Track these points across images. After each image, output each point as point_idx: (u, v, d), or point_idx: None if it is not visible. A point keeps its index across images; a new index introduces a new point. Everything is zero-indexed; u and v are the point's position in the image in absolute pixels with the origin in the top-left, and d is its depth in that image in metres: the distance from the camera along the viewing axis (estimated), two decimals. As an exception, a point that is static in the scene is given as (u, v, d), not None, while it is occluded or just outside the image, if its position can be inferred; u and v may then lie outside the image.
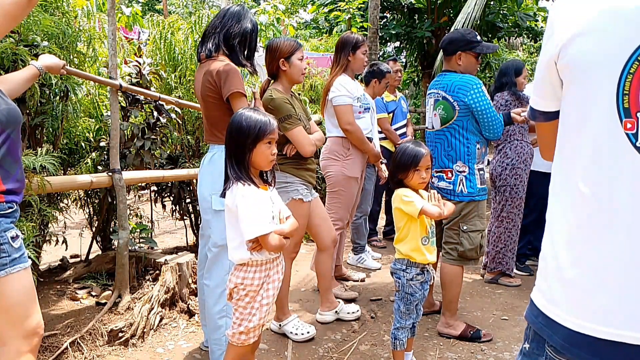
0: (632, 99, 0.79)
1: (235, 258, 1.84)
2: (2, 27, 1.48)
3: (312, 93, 5.71)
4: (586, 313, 0.83)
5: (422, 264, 2.20)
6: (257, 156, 1.80)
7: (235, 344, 1.87)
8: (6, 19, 1.46)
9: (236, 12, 2.33)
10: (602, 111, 0.82)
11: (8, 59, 2.30)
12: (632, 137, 0.79)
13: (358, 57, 3.29)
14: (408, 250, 2.19)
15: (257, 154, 1.80)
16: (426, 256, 2.19)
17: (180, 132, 3.97)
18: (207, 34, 2.33)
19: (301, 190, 2.64)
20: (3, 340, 1.52)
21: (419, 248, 2.18)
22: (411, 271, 2.19)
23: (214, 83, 2.20)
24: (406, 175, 2.20)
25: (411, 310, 2.23)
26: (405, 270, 2.20)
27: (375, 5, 6.54)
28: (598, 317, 0.81)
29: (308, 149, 2.57)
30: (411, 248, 2.19)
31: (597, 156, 0.83)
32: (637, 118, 0.79)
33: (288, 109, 2.54)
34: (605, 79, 0.82)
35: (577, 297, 0.85)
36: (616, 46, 0.81)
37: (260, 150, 1.79)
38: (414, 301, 2.22)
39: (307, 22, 15.96)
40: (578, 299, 0.85)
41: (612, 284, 0.82)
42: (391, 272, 2.28)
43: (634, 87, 0.79)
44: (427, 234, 2.20)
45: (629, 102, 0.80)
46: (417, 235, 2.18)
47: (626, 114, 0.80)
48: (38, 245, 2.79)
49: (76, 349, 2.47)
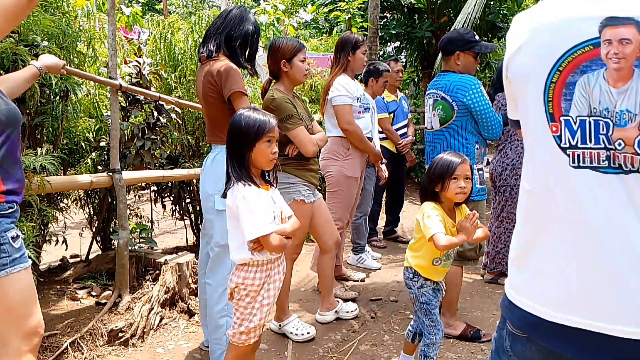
0: (555, 105, 0.90)
1: (237, 258, 1.84)
2: (1, 27, 1.47)
3: (312, 93, 5.71)
4: (533, 296, 0.95)
5: None
6: (257, 155, 1.80)
7: (236, 344, 1.87)
8: (6, 20, 1.46)
9: (238, 14, 2.34)
10: (535, 117, 0.93)
11: (8, 59, 2.30)
12: (557, 139, 0.90)
13: (358, 57, 3.29)
14: (416, 264, 2.15)
15: (257, 153, 1.80)
16: (432, 276, 2.13)
17: (180, 132, 3.97)
18: (209, 34, 2.34)
19: (303, 191, 2.63)
20: (3, 340, 1.52)
21: (428, 267, 2.12)
22: (419, 279, 2.15)
23: (215, 83, 2.20)
24: (442, 187, 2.07)
25: (435, 320, 2.13)
26: (413, 279, 2.16)
27: (375, 5, 6.54)
28: (542, 300, 0.93)
29: (310, 149, 2.55)
30: (419, 265, 2.13)
31: (534, 156, 0.95)
32: (560, 122, 0.90)
33: (289, 109, 2.53)
34: (535, 89, 0.93)
35: (526, 282, 0.97)
36: (542, 59, 0.92)
37: (260, 149, 1.79)
38: (433, 309, 2.13)
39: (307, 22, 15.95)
40: (527, 284, 0.97)
41: (548, 270, 0.93)
42: (405, 281, 2.24)
43: (556, 95, 0.90)
44: (441, 256, 2.11)
45: (552, 108, 0.91)
46: (429, 255, 2.10)
47: (551, 119, 0.91)
48: (38, 245, 2.79)
49: (76, 349, 2.47)
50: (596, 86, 0.87)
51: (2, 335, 1.52)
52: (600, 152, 0.86)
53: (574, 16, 0.89)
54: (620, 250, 0.85)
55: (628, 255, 0.84)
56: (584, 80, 0.88)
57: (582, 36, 0.87)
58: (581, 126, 0.88)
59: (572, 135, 0.89)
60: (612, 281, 0.85)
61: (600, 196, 0.86)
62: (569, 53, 0.89)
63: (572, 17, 0.89)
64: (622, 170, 0.85)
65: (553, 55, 0.90)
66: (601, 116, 0.86)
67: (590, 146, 0.87)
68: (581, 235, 0.88)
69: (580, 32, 0.87)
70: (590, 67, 0.87)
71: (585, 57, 0.87)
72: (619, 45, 0.84)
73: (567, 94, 0.89)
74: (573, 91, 0.89)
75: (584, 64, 0.87)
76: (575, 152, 0.88)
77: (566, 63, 0.89)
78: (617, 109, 0.85)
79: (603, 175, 0.86)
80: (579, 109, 0.88)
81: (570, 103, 0.89)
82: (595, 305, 0.87)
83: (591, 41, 0.86)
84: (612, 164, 0.86)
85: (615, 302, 0.85)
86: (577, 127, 0.88)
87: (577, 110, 0.89)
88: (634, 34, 0.83)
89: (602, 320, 0.86)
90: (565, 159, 0.89)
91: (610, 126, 0.86)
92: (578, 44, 0.88)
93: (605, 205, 0.85)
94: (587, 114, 0.88)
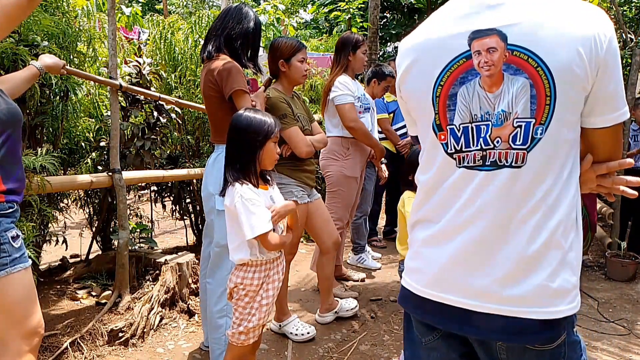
0: (441, 116, 1.02)
1: (236, 258, 1.84)
2: (1, 28, 1.47)
3: (312, 93, 5.71)
4: (411, 276, 1.11)
5: None
6: (265, 154, 1.83)
7: (235, 344, 1.87)
8: (6, 21, 1.46)
9: (236, 12, 2.31)
10: (427, 129, 1.06)
11: (8, 58, 2.30)
12: (445, 146, 1.02)
13: (358, 57, 3.29)
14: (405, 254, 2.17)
15: (266, 152, 1.83)
16: None
17: (180, 132, 3.97)
18: (209, 37, 2.32)
19: (296, 192, 2.60)
20: (4, 340, 1.52)
21: None
22: None
23: (215, 82, 2.19)
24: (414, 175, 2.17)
25: None
26: None
27: (375, 5, 6.53)
28: (415, 279, 1.10)
29: (303, 150, 2.52)
30: None
31: (428, 158, 1.08)
32: (447, 130, 1.02)
33: (284, 108, 2.51)
34: (424, 104, 1.04)
35: (408, 263, 1.15)
36: (425, 76, 1.03)
37: (268, 149, 1.83)
38: None
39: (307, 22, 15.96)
40: (408, 265, 1.14)
41: (423, 253, 1.09)
42: (399, 274, 2.26)
43: (441, 107, 1.02)
44: None
45: (439, 119, 1.02)
46: None
47: (439, 129, 1.03)
48: (38, 245, 2.79)
49: (76, 349, 2.47)
50: (474, 94, 0.98)
51: (2, 335, 1.52)
52: (476, 153, 0.98)
53: (446, 34, 1.01)
54: (486, 237, 0.98)
55: (493, 241, 0.97)
56: (463, 90, 0.99)
57: (456, 51, 0.99)
58: (464, 132, 0.99)
59: (457, 142, 1.01)
60: (481, 261, 0.99)
61: (475, 190, 0.98)
62: (447, 68, 1.00)
63: (445, 36, 1.01)
64: (496, 167, 0.97)
65: (434, 72, 1.01)
66: (482, 120, 0.98)
67: (472, 149, 0.99)
68: (455, 225, 1.01)
69: (454, 48, 0.99)
70: (467, 77, 0.98)
71: (461, 69, 0.98)
72: (487, 54, 0.95)
73: (450, 105, 1.00)
74: (455, 102, 1.00)
75: (462, 75, 0.98)
76: (460, 155, 1.00)
77: (446, 77, 1.00)
78: (496, 111, 0.96)
79: (477, 172, 0.98)
80: (462, 117, 0.99)
81: (454, 113, 1.00)
82: (460, 283, 1.01)
83: (464, 54, 0.98)
84: (485, 162, 0.98)
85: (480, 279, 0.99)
86: (461, 133, 1.00)
87: (460, 118, 1.00)
88: (497, 41, 0.94)
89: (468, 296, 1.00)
90: (453, 162, 1.01)
91: (490, 127, 0.97)
92: (453, 59, 0.99)
93: (480, 198, 0.98)
94: (469, 121, 0.99)
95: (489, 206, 0.97)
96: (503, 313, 0.96)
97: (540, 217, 0.95)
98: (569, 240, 0.97)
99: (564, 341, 0.98)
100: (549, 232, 0.95)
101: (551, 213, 0.95)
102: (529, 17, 0.93)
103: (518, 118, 0.94)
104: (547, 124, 0.93)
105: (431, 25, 1.06)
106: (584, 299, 3.49)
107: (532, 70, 0.92)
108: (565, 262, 0.96)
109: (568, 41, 0.91)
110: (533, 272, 0.95)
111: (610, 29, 0.92)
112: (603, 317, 3.15)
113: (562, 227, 0.95)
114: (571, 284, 0.96)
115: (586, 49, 0.90)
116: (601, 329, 2.98)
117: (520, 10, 0.94)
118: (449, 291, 1.02)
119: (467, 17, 0.99)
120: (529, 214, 0.95)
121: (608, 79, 0.93)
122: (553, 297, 0.95)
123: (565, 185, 0.96)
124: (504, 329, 0.97)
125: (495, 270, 0.97)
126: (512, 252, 0.96)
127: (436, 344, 1.10)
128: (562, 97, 0.92)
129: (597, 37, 0.91)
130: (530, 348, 0.98)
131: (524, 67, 0.93)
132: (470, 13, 0.99)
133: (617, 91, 0.95)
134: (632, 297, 3.55)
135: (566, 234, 0.96)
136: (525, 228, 0.95)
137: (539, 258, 0.95)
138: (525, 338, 0.96)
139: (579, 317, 3.16)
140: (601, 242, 4.61)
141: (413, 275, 1.11)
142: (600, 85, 0.93)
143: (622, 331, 2.96)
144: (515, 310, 0.95)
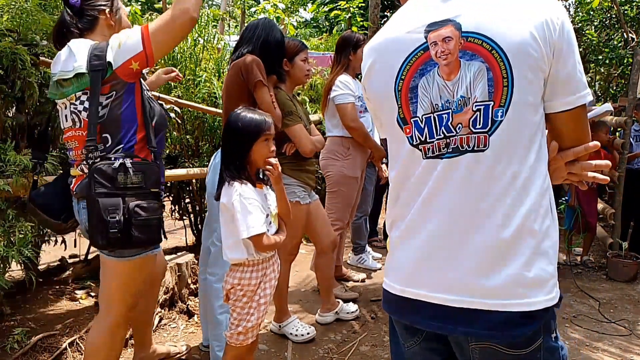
0: (404, 110, 1.03)
1: (231, 258, 1.84)
2: (166, 46, 1.69)
3: (312, 92, 5.69)
4: (389, 277, 1.11)
5: None
6: (255, 154, 1.82)
7: (234, 344, 1.86)
8: (172, 39, 1.67)
9: (268, 23, 2.46)
10: (392, 124, 1.06)
11: (7, 58, 2.29)
12: (410, 139, 1.03)
13: (359, 56, 3.28)
14: None
15: (256, 152, 1.81)
16: None
17: (179, 132, 3.96)
18: (241, 43, 2.42)
19: (298, 192, 2.60)
20: (108, 308, 1.81)
21: None
22: None
23: (240, 75, 2.26)
24: None
25: None
26: None
27: (375, 4, 6.50)
28: (392, 279, 1.09)
29: (308, 148, 2.53)
30: None
31: (397, 154, 1.08)
32: (411, 124, 1.02)
33: (290, 105, 2.52)
34: (388, 101, 1.06)
35: (385, 266, 1.15)
36: (387, 73, 1.05)
37: (258, 148, 1.81)
38: None
39: (307, 21, 15.95)
40: (386, 267, 1.14)
41: (396, 252, 1.09)
42: None
43: (404, 101, 1.03)
44: None
45: (403, 113, 1.03)
46: None
47: (404, 122, 1.04)
48: (37, 245, 2.78)
49: (75, 349, 2.46)
50: (434, 84, 0.99)
51: (109, 302, 1.82)
52: (440, 142, 0.99)
53: (403, 30, 1.04)
54: (452, 227, 0.97)
55: (461, 231, 0.96)
56: (423, 82, 1.00)
57: (413, 45, 1.01)
58: (427, 123, 1.00)
59: (421, 133, 1.01)
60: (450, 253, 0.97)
61: (438, 179, 0.98)
62: (406, 62, 1.02)
63: (403, 32, 1.04)
64: (459, 152, 0.96)
65: (395, 67, 1.03)
66: (443, 109, 0.98)
67: (435, 139, 0.99)
68: (420, 217, 1.02)
69: (411, 42, 1.01)
70: (425, 68, 1.00)
71: (419, 61, 1.00)
72: (443, 43, 0.97)
73: (412, 97, 1.02)
74: (417, 94, 1.01)
75: (421, 67, 1.00)
76: (425, 147, 1.01)
77: (406, 71, 1.02)
78: (455, 97, 0.97)
79: (439, 160, 0.99)
80: (424, 108, 1.00)
81: (416, 105, 1.01)
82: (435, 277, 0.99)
83: (421, 47, 1.00)
84: (449, 150, 0.98)
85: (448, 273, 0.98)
86: (424, 124, 1.00)
87: (423, 109, 1.00)
88: (452, 31, 0.96)
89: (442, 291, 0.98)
90: (419, 153, 1.02)
91: (450, 114, 0.98)
92: (411, 52, 1.01)
93: (444, 187, 0.98)
94: (431, 111, 1.00)
95: (453, 194, 0.97)
96: (478, 307, 0.93)
97: (510, 203, 0.93)
98: (543, 228, 0.94)
99: (539, 346, 0.95)
100: (521, 218, 0.93)
101: (521, 199, 0.93)
102: (481, 6, 0.96)
103: (477, 102, 0.95)
104: (506, 106, 0.93)
105: (390, 26, 1.09)
106: (585, 299, 3.48)
107: (487, 53, 0.94)
108: (540, 250, 0.93)
109: (521, 24, 0.92)
110: (507, 261, 0.93)
111: (562, 12, 0.94)
112: (604, 318, 3.15)
113: (534, 214, 0.93)
114: (548, 274, 0.94)
115: (540, 32, 0.92)
116: (602, 329, 2.98)
117: (473, 1, 0.97)
118: (422, 286, 1.01)
119: (422, 12, 1.02)
120: (497, 200, 0.93)
121: (564, 61, 0.94)
122: (530, 288, 0.92)
123: (533, 170, 0.94)
124: (481, 323, 0.93)
125: (466, 261, 0.95)
126: (484, 240, 0.94)
127: (418, 349, 1.09)
128: (520, 78, 0.92)
129: (549, 21, 0.92)
130: (503, 351, 0.95)
131: (479, 51, 0.94)
132: (427, 8, 1.02)
133: (574, 73, 0.96)
134: (633, 297, 3.55)
135: (540, 221, 0.94)
136: (495, 215, 0.93)
137: (512, 246, 0.93)
138: (501, 333, 0.93)
139: (580, 317, 3.15)
140: (602, 243, 4.60)
141: (390, 276, 1.10)
142: (557, 67, 0.94)
143: (623, 332, 2.95)
144: (490, 303, 0.93)
